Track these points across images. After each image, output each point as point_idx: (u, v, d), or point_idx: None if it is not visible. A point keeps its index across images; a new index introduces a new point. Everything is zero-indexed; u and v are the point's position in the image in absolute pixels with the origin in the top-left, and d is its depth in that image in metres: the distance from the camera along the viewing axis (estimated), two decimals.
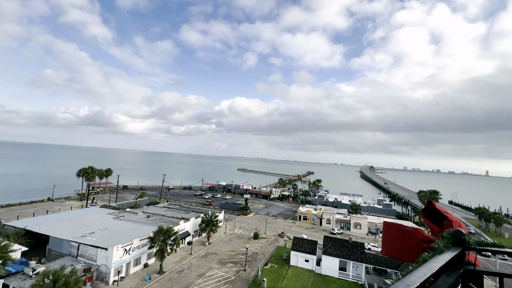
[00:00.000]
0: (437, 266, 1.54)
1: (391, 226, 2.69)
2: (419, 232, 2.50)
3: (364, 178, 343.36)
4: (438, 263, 1.63)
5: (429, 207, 2.90)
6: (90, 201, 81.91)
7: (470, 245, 2.07)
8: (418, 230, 2.52)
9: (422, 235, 2.47)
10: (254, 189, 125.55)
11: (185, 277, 38.07)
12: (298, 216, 79.02)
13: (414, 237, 2.49)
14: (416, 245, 2.42)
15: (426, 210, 2.92)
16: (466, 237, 2.11)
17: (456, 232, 2.17)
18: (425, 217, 2.91)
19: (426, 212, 2.91)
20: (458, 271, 1.83)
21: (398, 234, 2.61)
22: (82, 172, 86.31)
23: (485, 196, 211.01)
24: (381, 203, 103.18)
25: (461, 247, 2.03)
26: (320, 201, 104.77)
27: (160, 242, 38.08)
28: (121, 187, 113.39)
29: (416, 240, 2.46)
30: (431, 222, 2.83)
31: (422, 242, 2.40)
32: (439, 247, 1.99)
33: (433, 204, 2.85)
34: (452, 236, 2.16)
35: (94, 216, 52.56)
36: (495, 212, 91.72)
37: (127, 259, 37.03)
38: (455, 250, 1.96)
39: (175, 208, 67.00)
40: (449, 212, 2.74)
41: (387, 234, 2.74)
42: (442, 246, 1.99)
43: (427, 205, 2.93)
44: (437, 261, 1.69)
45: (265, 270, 42.03)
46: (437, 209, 2.77)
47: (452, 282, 1.63)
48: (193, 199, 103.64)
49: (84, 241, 37.64)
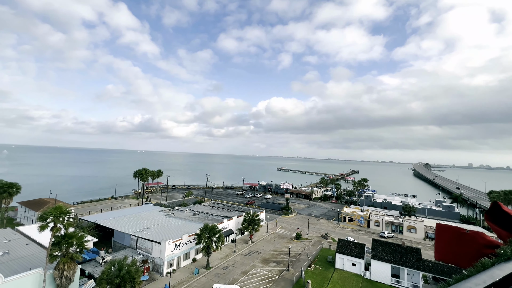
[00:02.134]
0: (501, 275, 1.37)
1: (446, 229, 2.48)
2: (480, 236, 2.24)
3: (417, 176, 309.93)
4: (503, 271, 1.47)
5: (494, 209, 2.57)
6: (145, 199, 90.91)
7: None
8: (479, 234, 2.27)
9: (485, 239, 2.20)
10: (294, 188, 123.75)
11: (230, 273, 39.44)
12: (343, 217, 75.17)
13: (474, 241, 2.24)
14: (476, 250, 2.16)
15: (491, 213, 2.58)
16: None
17: None
18: (490, 221, 2.57)
19: (491, 215, 2.58)
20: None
21: (455, 238, 2.37)
22: (137, 174, 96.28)
23: None
24: (440, 204, 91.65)
25: None
26: (367, 201, 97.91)
27: (206, 239, 40.18)
28: (170, 187, 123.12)
29: (476, 245, 2.21)
30: (497, 226, 2.48)
31: (484, 247, 2.14)
32: (506, 253, 1.70)
33: (499, 205, 2.52)
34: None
35: (149, 213, 58.09)
36: None
37: (178, 253, 39.99)
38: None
39: (218, 207, 70.00)
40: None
41: (441, 237, 2.53)
42: (509, 253, 1.70)
43: (491, 207, 2.60)
44: (501, 268, 1.52)
45: (308, 271, 41.00)
46: (505, 212, 2.43)
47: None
48: (235, 198, 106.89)
49: (141, 235, 41.87)
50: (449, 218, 79.89)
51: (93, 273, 33.26)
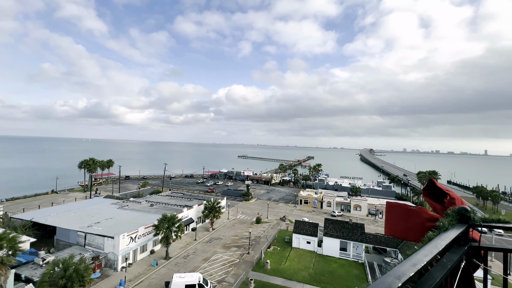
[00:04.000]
0: (443, 244, 1.52)
1: (395, 206, 2.65)
2: (424, 211, 2.47)
3: (363, 161, 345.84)
4: (444, 241, 1.62)
5: (430, 185, 2.83)
6: (94, 192, 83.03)
7: (475, 222, 2.05)
8: (423, 209, 2.48)
9: (427, 214, 2.44)
10: (255, 175, 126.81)
11: (191, 261, 39.33)
12: (299, 200, 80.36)
13: (419, 216, 2.45)
14: (421, 224, 2.37)
15: (428, 189, 2.85)
16: (471, 214, 2.10)
17: (461, 209, 2.15)
18: (427, 196, 2.86)
19: (428, 191, 2.85)
20: (462, 248, 1.82)
21: (403, 214, 2.57)
22: (83, 164, 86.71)
23: (483, 175, 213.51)
24: (380, 185, 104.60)
25: (466, 224, 2.01)
26: (321, 185, 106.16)
27: (165, 229, 38.99)
28: (123, 178, 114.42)
29: (421, 219, 2.42)
30: (433, 200, 2.78)
31: (427, 221, 2.37)
32: (444, 225, 1.97)
33: (434, 182, 2.80)
34: (457, 213, 2.13)
35: (99, 206, 53.43)
36: (493, 190, 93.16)
37: (134, 246, 38.08)
38: (460, 227, 1.94)
39: (177, 196, 68.01)
40: (450, 190, 2.69)
41: (391, 214, 2.69)
42: (447, 224, 1.98)
43: (428, 184, 2.86)
44: (442, 238, 1.69)
45: (268, 252, 43.34)
46: (439, 187, 2.72)
47: (457, 259, 1.63)
48: (195, 187, 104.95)
49: (91, 230, 38.50)
50: (387, 197, 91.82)
51: (31, 277, 29.66)
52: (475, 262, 1.91)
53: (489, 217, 2.19)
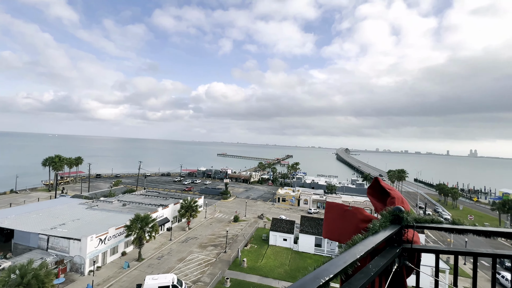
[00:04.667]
0: (364, 250, 1.38)
1: (333, 206, 2.46)
2: (359, 212, 2.31)
3: (339, 160, 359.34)
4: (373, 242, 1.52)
5: (375, 184, 2.71)
6: (60, 192, 77.42)
7: (408, 223, 1.96)
8: (359, 210, 2.34)
9: (363, 214, 2.28)
10: (234, 173, 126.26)
11: (165, 262, 38.19)
12: (277, 198, 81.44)
13: (354, 217, 2.29)
14: (355, 225, 2.22)
15: (373, 188, 2.73)
16: (404, 215, 2.00)
17: (395, 209, 2.05)
18: (371, 195, 2.76)
19: (373, 189, 2.74)
20: (395, 250, 1.77)
21: (339, 215, 2.39)
22: (48, 161, 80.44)
23: (445, 173, 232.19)
24: (354, 183, 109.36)
25: (399, 225, 1.93)
26: (298, 183, 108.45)
27: (137, 230, 37.43)
28: (93, 176, 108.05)
29: (355, 220, 2.26)
30: (376, 200, 2.67)
31: (361, 222, 2.20)
32: (374, 227, 1.85)
33: (378, 181, 2.69)
34: (391, 214, 2.03)
35: (64, 207, 49.90)
36: (453, 187, 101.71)
37: (103, 248, 36.10)
38: (392, 228, 1.85)
39: (152, 195, 65.64)
40: (393, 189, 2.58)
41: (329, 215, 2.50)
42: (377, 226, 1.86)
43: (373, 182, 2.75)
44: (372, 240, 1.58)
45: (245, 251, 43.40)
46: (382, 186, 2.61)
47: (387, 262, 1.56)
48: (171, 185, 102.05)
49: (54, 233, 35.85)
50: (360, 194, 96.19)
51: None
52: (407, 264, 1.83)
53: (423, 217, 2.11)
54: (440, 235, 59.01)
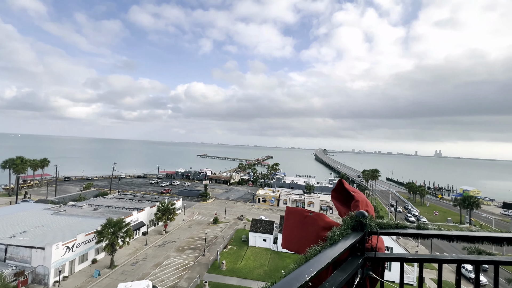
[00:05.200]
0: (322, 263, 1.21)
1: (292, 212, 2.18)
2: (320, 218, 2.05)
3: (318, 160, 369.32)
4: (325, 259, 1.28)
5: (339, 187, 2.50)
6: (22, 196, 71.16)
7: (371, 229, 1.77)
8: (320, 216, 2.08)
9: (324, 221, 2.03)
10: (214, 174, 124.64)
11: (140, 268, 36.56)
12: (257, 198, 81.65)
13: (314, 224, 2.03)
14: (315, 234, 1.96)
15: (337, 191, 2.52)
16: (368, 220, 1.78)
17: (357, 215, 1.82)
18: (335, 198, 2.55)
19: (337, 192, 2.52)
20: (357, 260, 1.59)
21: (299, 222, 2.11)
22: (8, 164, 73.65)
23: (414, 173, 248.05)
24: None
25: (362, 232, 1.73)
26: (278, 183, 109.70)
27: (109, 235, 35.43)
28: (61, 179, 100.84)
29: (316, 228, 2.00)
30: (340, 203, 2.46)
31: (322, 230, 1.95)
32: (333, 235, 1.64)
33: (343, 183, 2.48)
34: (353, 220, 1.82)
35: (27, 213, 45.92)
36: (420, 185, 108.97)
37: (71, 256, 33.70)
38: (355, 236, 1.65)
39: (127, 199, 62.63)
40: (357, 191, 2.39)
41: (288, 222, 2.19)
42: (337, 234, 1.65)
43: (337, 185, 2.53)
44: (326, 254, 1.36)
45: (224, 253, 42.90)
46: (346, 189, 2.41)
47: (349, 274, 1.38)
48: (148, 188, 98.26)
49: (14, 242, 32.79)
50: None
51: None
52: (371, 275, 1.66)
53: (387, 222, 1.93)
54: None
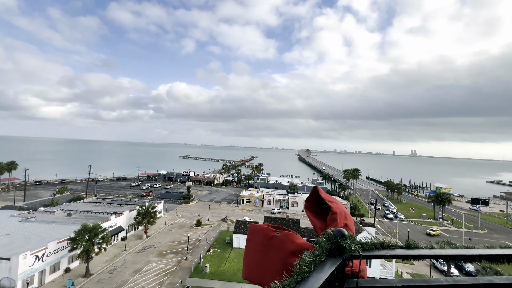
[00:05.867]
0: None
1: (256, 231, 1.64)
2: (289, 239, 1.53)
3: (301, 160, 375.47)
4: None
5: (314, 195, 2.04)
6: None
7: (352, 253, 1.40)
8: (289, 236, 1.54)
9: (294, 243, 1.51)
10: (197, 176, 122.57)
11: (118, 275, 34.92)
12: (241, 199, 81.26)
13: (282, 247, 1.51)
14: (283, 260, 1.46)
15: (312, 200, 2.05)
16: (347, 242, 1.40)
17: (335, 234, 1.41)
18: (309, 209, 2.07)
19: (312, 202, 2.06)
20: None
21: (263, 245, 1.57)
22: None
23: (392, 171, 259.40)
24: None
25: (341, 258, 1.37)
26: (262, 184, 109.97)
27: (84, 242, 33.53)
28: (31, 183, 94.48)
29: (283, 253, 1.49)
30: (315, 215, 2.01)
31: (290, 255, 1.45)
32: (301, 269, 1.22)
33: (318, 191, 2.02)
34: (329, 241, 1.41)
35: None
36: (398, 183, 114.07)
37: (41, 266, 31.47)
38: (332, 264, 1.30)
39: (105, 203, 59.76)
40: (335, 201, 1.95)
41: (251, 244, 1.65)
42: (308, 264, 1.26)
43: (311, 194, 2.06)
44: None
45: (207, 256, 42.15)
46: (322, 198, 1.95)
47: None
48: (128, 191, 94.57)
49: None
50: None
51: None
52: None
53: (371, 241, 1.52)
54: (388, 227, 65.35)
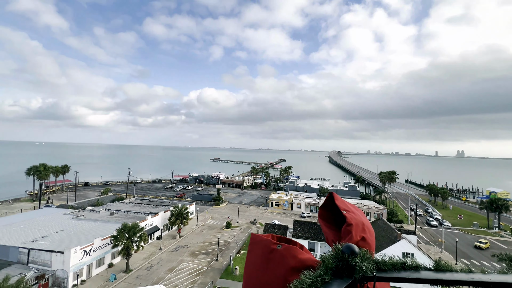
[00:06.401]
0: None
1: (257, 242, 1.44)
2: (291, 254, 1.28)
3: (332, 162, 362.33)
4: None
5: (329, 202, 1.79)
6: (45, 202, 74.51)
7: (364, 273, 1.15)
8: (291, 251, 1.29)
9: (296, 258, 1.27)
10: (226, 178, 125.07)
11: (154, 273, 36.86)
12: (270, 202, 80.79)
13: (282, 262, 1.28)
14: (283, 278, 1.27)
15: (327, 207, 1.79)
16: (358, 261, 1.15)
17: (344, 251, 1.16)
18: (323, 218, 1.81)
19: (326, 209, 1.80)
20: None
21: (263, 258, 1.36)
22: (32, 170, 77.65)
23: (435, 174, 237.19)
24: (346, 185, 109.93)
25: (349, 279, 1.15)
26: (291, 186, 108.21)
27: (124, 240, 36.08)
28: (81, 185, 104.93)
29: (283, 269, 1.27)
30: (328, 225, 1.76)
31: (291, 272, 1.26)
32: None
33: (333, 197, 1.76)
34: (336, 260, 1.17)
35: (49, 217, 47.84)
36: (442, 187, 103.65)
37: (88, 260, 34.55)
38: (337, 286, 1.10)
39: (142, 203, 63.94)
40: (351, 210, 1.67)
41: (251, 257, 1.45)
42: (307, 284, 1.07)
43: (327, 200, 1.81)
44: None
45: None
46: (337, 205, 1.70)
47: None
48: (162, 192, 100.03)
49: (36, 246, 34.10)
50: (352, 196, 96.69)
51: None
52: None
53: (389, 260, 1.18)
54: (431, 235, 59.54)
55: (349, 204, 1.71)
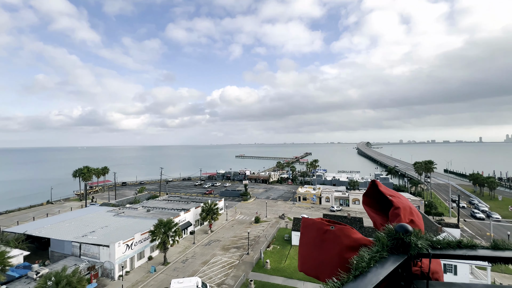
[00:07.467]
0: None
1: (309, 225, 1.62)
2: (345, 234, 1.48)
3: (361, 154, 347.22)
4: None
5: (372, 190, 1.91)
6: (90, 201, 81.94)
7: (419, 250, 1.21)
8: (345, 230, 1.49)
9: (350, 238, 1.45)
10: (253, 174, 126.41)
11: (189, 265, 38.81)
12: (298, 197, 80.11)
13: (337, 242, 1.46)
14: (338, 255, 1.40)
15: (370, 194, 1.91)
16: (412, 238, 1.22)
17: (397, 229, 1.26)
18: (368, 204, 1.94)
19: (370, 197, 1.92)
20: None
21: (317, 239, 1.53)
22: (78, 173, 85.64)
23: (479, 162, 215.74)
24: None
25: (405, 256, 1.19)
26: (319, 180, 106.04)
27: (161, 235, 38.41)
28: (119, 184, 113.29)
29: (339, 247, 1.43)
30: (375, 211, 1.87)
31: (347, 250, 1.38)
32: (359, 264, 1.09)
33: (376, 185, 1.88)
34: (390, 237, 1.26)
35: (94, 215, 52.60)
36: (489, 176, 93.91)
37: (130, 253, 37.44)
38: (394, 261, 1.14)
39: (174, 200, 67.34)
40: (397, 195, 1.80)
41: (304, 238, 1.63)
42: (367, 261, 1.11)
43: (369, 188, 1.93)
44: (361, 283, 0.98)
45: (267, 252, 42.96)
46: (381, 192, 1.81)
47: None
48: (192, 189, 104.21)
49: (85, 240, 37.79)
50: None
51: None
52: None
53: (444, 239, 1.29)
54: (477, 229, 54.60)
55: (393, 191, 1.84)
